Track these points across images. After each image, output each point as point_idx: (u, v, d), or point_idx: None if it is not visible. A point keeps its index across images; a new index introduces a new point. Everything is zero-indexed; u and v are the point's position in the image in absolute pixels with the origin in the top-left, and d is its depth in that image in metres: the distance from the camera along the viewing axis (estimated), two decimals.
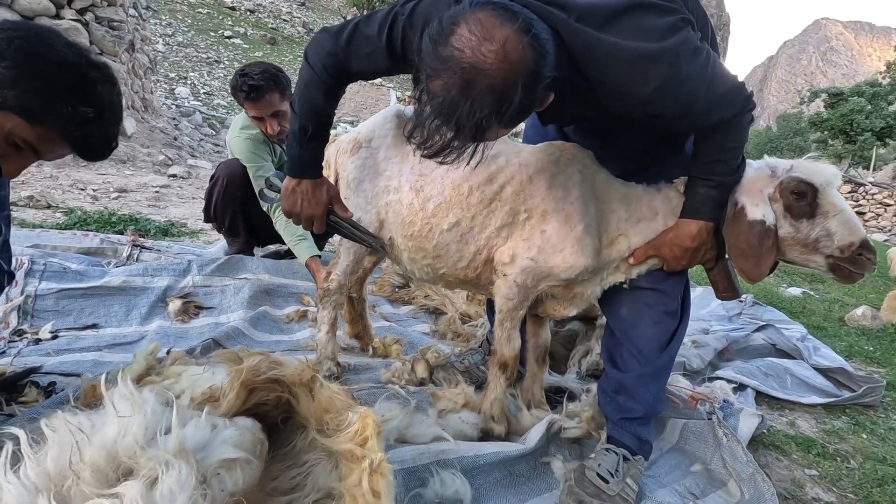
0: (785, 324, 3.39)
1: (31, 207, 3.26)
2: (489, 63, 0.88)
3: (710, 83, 1.07)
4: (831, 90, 34.46)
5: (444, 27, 0.91)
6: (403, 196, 1.47)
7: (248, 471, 0.83)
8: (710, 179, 1.23)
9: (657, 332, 1.38)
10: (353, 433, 0.93)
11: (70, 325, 1.80)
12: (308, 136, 1.31)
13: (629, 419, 1.37)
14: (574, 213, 1.33)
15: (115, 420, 0.70)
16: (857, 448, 1.99)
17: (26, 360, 1.54)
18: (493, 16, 0.90)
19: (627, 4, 1.02)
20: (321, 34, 1.25)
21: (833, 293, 5.53)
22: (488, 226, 1.39)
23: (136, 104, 6.63)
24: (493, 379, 1.50)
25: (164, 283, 2.13)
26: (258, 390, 1.10)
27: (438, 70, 0.91)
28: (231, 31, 23.99)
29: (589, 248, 1.33)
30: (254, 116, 2.24)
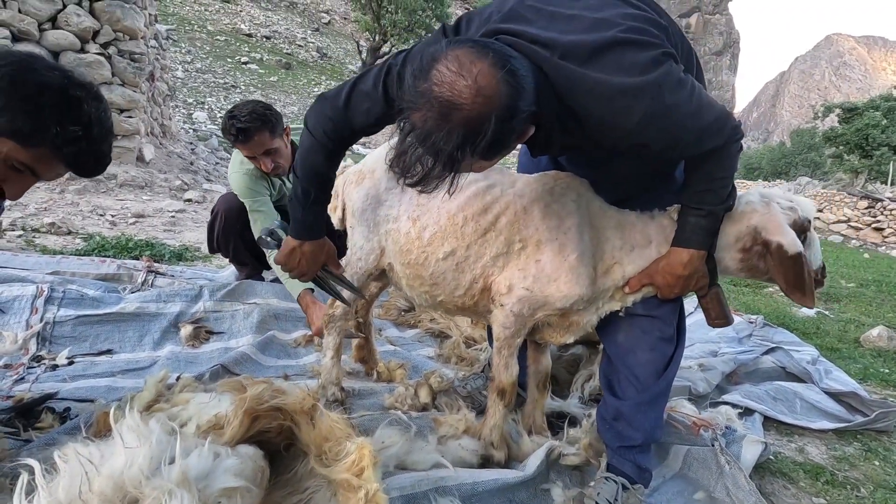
0: (796, 346, 3.34)
1: (53, 234, 3.39)
2: (464, 98, 0.93)
3: (695, 114, 1.10)
4: (845, 105, 34.17)
5: (424, 63, 0.97)
6: (401, 225, 1.52)
7: (249, 499, 0.87)
8: (701, 209, 1.26)
9: (653, 357, 1.39)
10: (351, 463, 0.96)
11: (86, 351, 1.87)
12: (311, 200, 1.37)
13: (628, 447, 1.38)
14: (568, 242, 1.36)
15: (122, 451, 0.74)
16: (869, 476, 1.95)
17: (43, 385, 1.61)
18: (469, 52, 0.95)
19: (610, 41, 1.05)
20: (320, 101, 1.31)
21: (850, 313, 5.41)
22: (484, 255, 1.42)
23: (156, 130, 6.86)
24: (492, 405, 1.52)
25: (177, 308, 2.20)
26: (261, 418, 1.14)
27: (418, 103, 0.95)
28: (247, 57, 24.72)
29: (583, 276, 1.35)
30: (247, 155, 2.26)
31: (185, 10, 28.63)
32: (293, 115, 20.01)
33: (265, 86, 22.20)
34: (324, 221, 1.45)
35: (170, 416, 1.12)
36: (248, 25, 30.84)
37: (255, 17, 33.32)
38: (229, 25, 29.46)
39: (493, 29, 1.09)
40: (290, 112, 20.12)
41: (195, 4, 30.16)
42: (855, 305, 5.86)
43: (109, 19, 4.97)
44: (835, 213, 17.73)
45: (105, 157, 1.17)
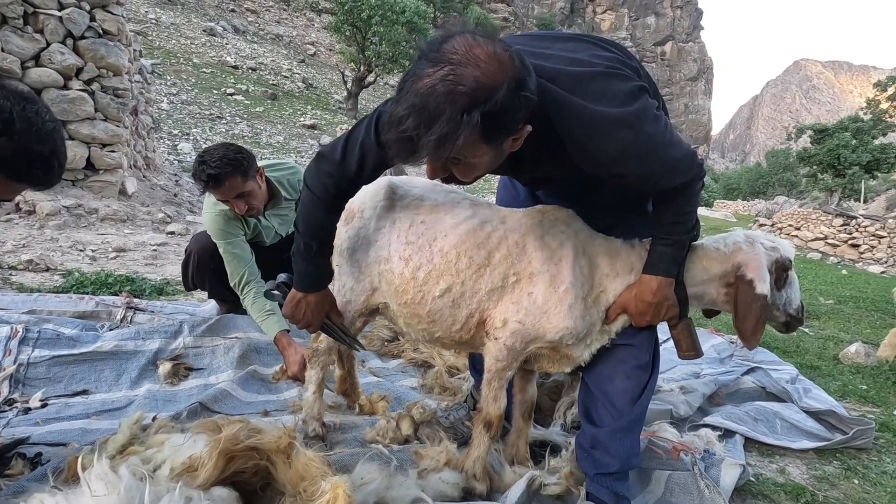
0: (776, 365, 3.39)
1: (31, 271, 3.34)
2: (480, 59, 0.92)
3: (668, 146, 1.16)
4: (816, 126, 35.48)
5: (433, 43, 0.97)
6: (394, 265, 1.51)
7: None
8: (667, 238, 1.32)
9: (629, 385, 1.42)
10: (325, 502, 0.96)
11: (60, 392, 1.84)
12: (313, 253, 1.40)
13: (605, 474, 1.39)
14: (559, 272, 1.38)
15: (90, 501, 0.74)
16: (849, 494, 1.97)
17: (14, 430, 1.57)
18: (480, 35, 0.98)
19: (592, 73, 1.11)
20: (318, 159, 1.35)
21: (829, 329, 5.51)
22: (479, 290, 1.43)
23: (139, 163, 6.86)
24: (478, 437, 1.52)
25: (156, 345, 2.18)
26: (237, 458, 1.13)
27: (427, 69, 0.93)
28: (233, 89, 24.93)
29: (575, 308, 1.37)
30: (220, 199, 2.23)
31: (170, 43, 28.97)
32: (279, 144, 20.12)
33: (251, 116, 22.36)
34: (326, 273, 1.48)
35: (144, 458, 1.11)
36: (234, 58, 31.25)
37: (240, 49, 33.82)
38: (215, 58, 29.82)
39: None
40: (275, 142, 20.23)
41: (181, 38, 30.55)
42: (834, 322, 5.96)
43: (93, 57, 5.03)
44: (812, 231, 18.18)
45: (43, 159, 1.09)
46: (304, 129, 23.43)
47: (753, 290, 1.35)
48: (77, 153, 5.05)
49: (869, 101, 36.17)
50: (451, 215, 1.49)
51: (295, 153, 19.45)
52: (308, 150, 20.39)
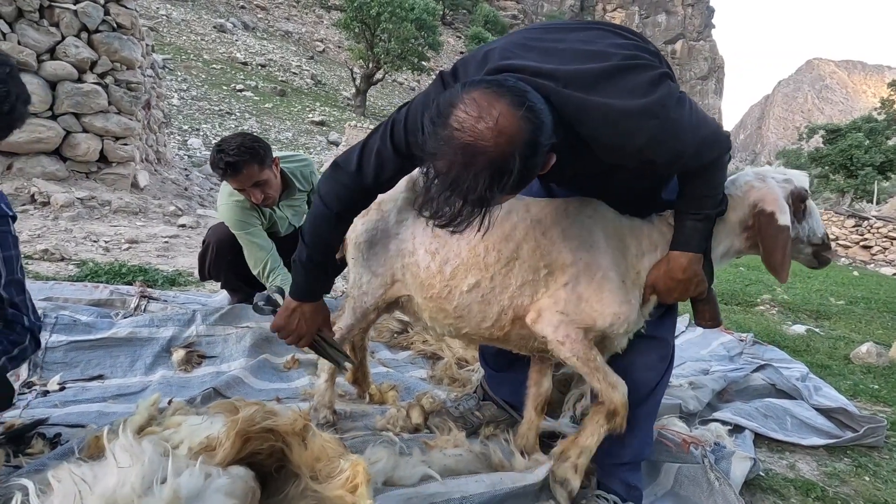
0: (786, 363, 3.38)
1: (46, 260, 3.39)
2: (486, 140, 0.93)
3: (695, 128, 1.15)
4: (829, 126, 35.05)
5: (441, 109, 0.97)
6: (420, 258, 1.46)
7: None
8: (699, 213, 1.29)
9: (648, 377, 1.42)
10: (345, 480, 0.98)
11: (77, 377, 1.87)
12: (315, 264, 1.39)
13: (617, 465, 1.39)
14: (594, 259, 1.33)
15: (115, 470, 0.76)
16: (859, 491, 1.96)
17: (34, 411, 1.60)
18: (486, 94, 0.96)
19: (611, 68, 1.09)
20: (332, 169, 1.34)
21: (839, 330, 5.46)
22: (509, 285, 1.37)
23: (151, 157, 6.92)
24: (594, 427, 1.38)
25: (169, 333, 2.21)
26: (253, 440, 1.15)
27: (441, 150, 0.96)
28: (243, 85, 25.07)
29: (616, 292, 1.32)
30: (236, 188, 2.26)
31: (181, 39, 29.15)
32: (287, 140, 20.21)
33: (260, 112, 22.47)
34: (325, 284, 1.47)
35: (162, 438, 1.13)
36: (244, 54, 31.40)
37: (250, 45, 33.97)
38: (225, 54, 29.98)
39: (495, 67, 1.10)
40: (284, 138, 20.33)
41: (191, 34, 30.74)
42: (845, 323, 5.91)
43: (107, 50, 5.08)
44: None
45: None
46: (313, 125, 23.51)
47: (776, 222, 1.32)
48: (91, 146, 5.11)
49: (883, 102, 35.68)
50: None
51: (304, 149, 19.53)
52: (316, 146, 20.47)
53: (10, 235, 1.25)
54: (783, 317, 5.87)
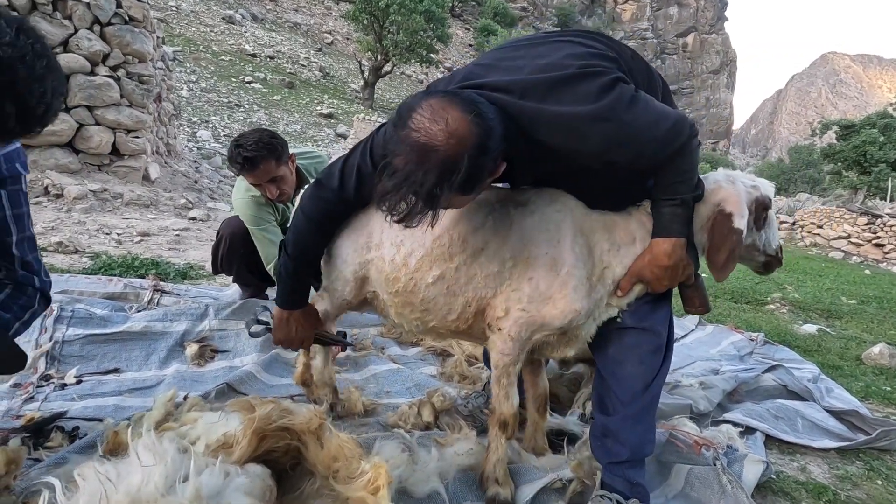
0: (797, 363, 3.35)
1: (60, 253, 3.43)
2: (438, 140, 1.04)
3: (652, 124, 1.19)
4: (842, 122, 34.47)
5: (402, 113, 1.09)
6: (385, 252, 1.46)
7: None
8: (675, 199, 1.31)
9: (642, 371, 1.39)
10: (366, 482, 0.98)
11: (93, 370, 1.90)
12: (300, 274, 1.52)
13: (617, 463, 1.39)
14: (559, 254, 1.33)
15: (139, 469, 0.77)
16: (871, 495, 1.95)
17: (52, 405, 1.63)
18: (440, 100, 1.08)
19: (563, 77, 1.17)
20: (315, 186, 1.46)
21: (851, 330, 5.40)
22: (475, 276, 1.37)
23: (161, 150, 6.96)
24: (494, 440, 1.45)
25: (183, 327, 2.23)
26: (269, 438, 1.16)
27: (399, 148, 1.06)
28: (251, 77, 25.09)
29: (579, 289, 1.32)
30: (252, 183, 2.29)
31: (190, 31, 29.19)
32: (296, 133, 20.25)
33: (269, 104, 22.50)
34: (308, 289, 1.57)
35: (179, 434, 1.14)
36: (253, 46, 31.40)
37: (259, 37, 33.96)
38: (234, 46, 29.99)
39: (458, 85, 1.23)
40: (292, 130, 20.36)
41: (200, 26, 30.77)
42: (856, 322, 5.85)
43: (119, 43, 5.10)
44: (835, 230, 17.76)
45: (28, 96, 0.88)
46: (321, 118, 23.52)
47: (731, 223, 1.35)
48: (103, 138, 5.15)
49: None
50: None
51: (312, 142, 19.55)
52: (324, 139, 20.49)
53: (21, 193, 1.23)
54: (794, 316, 5.82)
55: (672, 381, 2.66)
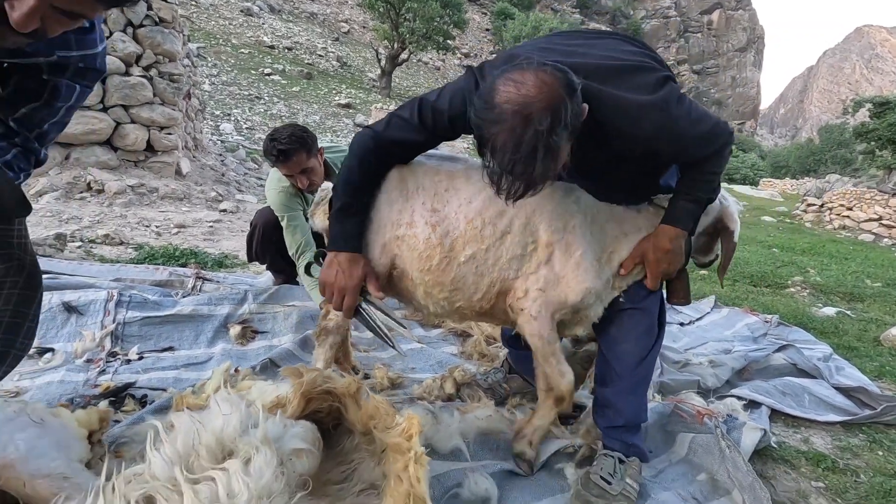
0: (810, 344, 3.42)
1: (107, 244, 3.70)
2: (532, 94, 1.09)
3: (696, 123, 1.31)
4: (876, 99, 32.98)
5: (485, 98, 1.13)
6: (419, 231, 1.50)
7: (311, 459, 1.08)
8: (691, 195, 1.45)
9: (636, 348, 1.55)
10: (402, 430, 1.16)
11: (151, 348, 2.13)
12: (351, 211, 1.47)
13: (615, 427, 1.55)
14: (573, 240, 1.46)
15: (220, 416, 0.96)
16: (870, 464, 2.05)
17: (121, 377, 1.86)
18: (516, 69, 1.14)
19: (623, 66, 1.28)
20: (364, 130, 1.49)
21: (873, 312, 5.37)
22: (500, 258, 1.47)
23: (189, 144, 7.25)
24: (545, 409, 1.56)
25: (226, 310, 2.45)
26: (314, 400, 1.35)
27: (499, 125, 1.10)
28: (270, 69, 25.41)
29: (590, 271, 1.46)
30: (286, 174, 2.47)
31: (210, 24, 29.61)
32: (315, 124, 20.48)
33: (288, 96, 22.78)
34: (359, 234, 1.49)
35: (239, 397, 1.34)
36: (271, 37, 31.70)
37: (276, 29, 34.23)
38: (253, 38, 30.32)
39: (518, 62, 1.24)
40: (312, 122, 20.61)
41: (220, 19, 31.15)
42: (879, 305, 5.80)
43: (151, 44, 5.34)
44: (865, 212, 17.24)
45: None
46: (340, 108, 23.72)
47: (732, 237, 1.59)
48: (139, 136, 5.42)
49: None
50: (470, 183, 1.52)
51: (331, 132, 19.79)
52: (343, 129, 20.70)
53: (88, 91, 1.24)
54: (814, 299, 5.80)
55: (683, 360, 2.79)
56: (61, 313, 2.12)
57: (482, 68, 1.35)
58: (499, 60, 1.34)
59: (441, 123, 1.39)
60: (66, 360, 1.91)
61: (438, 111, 1.38)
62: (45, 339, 2.02)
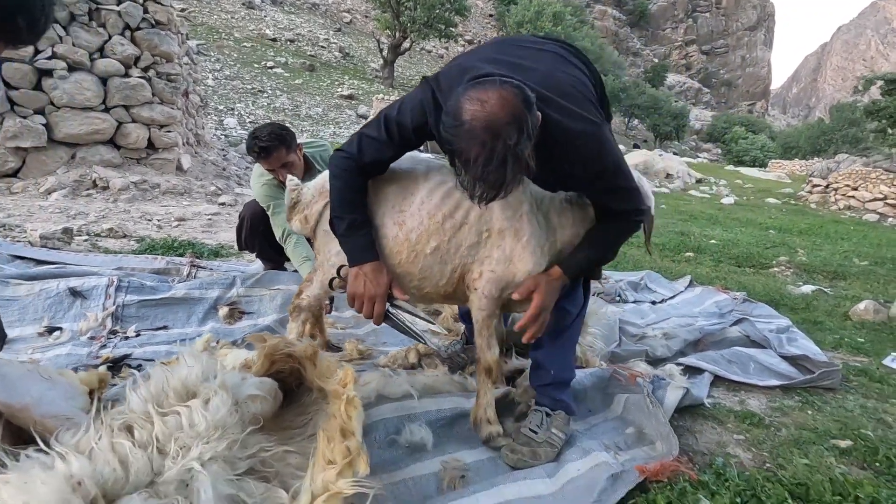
0: (770, 318, 3.59)
1: (112, 237, 3.98)
2: (496, 111, 1.19)
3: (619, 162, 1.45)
4: (888, 76, 32.36)
5: (452, 116, 1.23)
6: (388, 231, 1.66)
7: (265, 404, 1.32)
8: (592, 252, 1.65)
9: (559, 316, 1.73)
10: (339, 379, 1.40)
11: (148, 327, 2.38)
12: (356, 225, 1.58)
13: (545, 385, 1.76)
14: (522, 227, 1.65)
15: (186, 367, 1.20)
16: (796, 421, 2.23)
17: (120, 350, 2.11)
18: (476, 86, 1.24)
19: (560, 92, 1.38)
20: (339, 153, 1.60)
21: (853, 290, 5.47)
22: (461, 246, 1.64)
23: (191, 140, 7.51)
24: (482, 385, 1.70)
25: (216, 294, 2.70)
26: (277, 362, 1.59)
27: (468, 141, 1.21)
28: (273, 62, 25.61)
29: (536, 253, 1.64)
30: (267, 169, 2.69)
31: (212, 18, 29.79)
32: (318, 116, 20.70)
33: (290, 89, 22.97)
34: (372, 243, 1.60)
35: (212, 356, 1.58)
36: (273, 30, 31.83)
37: (278, 21, 34.33)
38: (255, 31, 30.48)
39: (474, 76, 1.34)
40: (314, 114, 20.81)
41: (222, 13, 31.31)
42: (861, 283, 5.91)
43: (148, 46, 5.58)
44: (871, 192, 17.11)
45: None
46: (342, 99, 23.89)
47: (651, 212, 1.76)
48: (140, 134, 5.69)
49: None
50: (428, 181, 1.70)
51: (333, 124, 19.99)
52: (346, 121, 20.88)
53: None
54: (796, 278, 5.92)
55: (640, 333, 3.00)
56: (67, 297, 2.39)
57: (437, 80, 1.45)
58: (454, 72, 1.43)
59: (406, 135, 1.53)
60: (73, 337, 2.17)
61: (402, 125, 1.49)
62: (54, 320, 2.28)
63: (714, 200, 15.98)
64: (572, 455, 1.68)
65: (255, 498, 1.11)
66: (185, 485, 1.02)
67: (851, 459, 1.93)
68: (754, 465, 1.83)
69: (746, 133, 55.23)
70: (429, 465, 1.56)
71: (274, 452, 1.24)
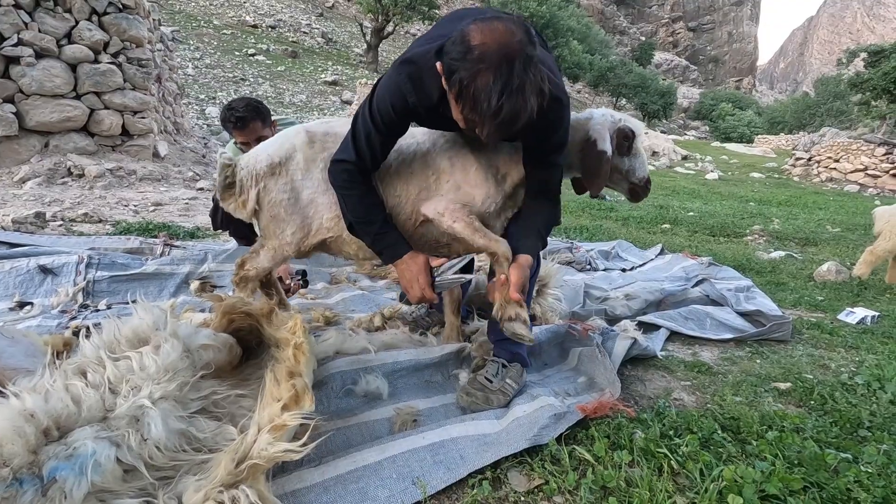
0: (734, 279, 3.72)
1: (87, 222, 4.00)
2: (507, 37, 1.17)
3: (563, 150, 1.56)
4: (871, 48, 32.53)
5: (458, 44, 1.20)
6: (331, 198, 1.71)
7: (219, 354, 1.40)
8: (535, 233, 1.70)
9: None
10: (289, 327, 1.48)
11: (119, 301, 2.45)
12: (382, 226, 1.61)
13: (500, 340, 1.86)
14: (467, 160, 1.69)
15: (137, 317, 1.27)
16: (742, 368, 2.36)
17: (89, 321, 2.17)
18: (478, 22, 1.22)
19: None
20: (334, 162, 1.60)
21: (822, 255, 5.64)
22: (411, 194, 1.68)
23: (169, 128, 7.46)
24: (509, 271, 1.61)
25: (187, 269, 2.76)
26: (236, 320, 1.67)
27: (481, 65, 1.16)
28: (254, 49, 25.19)
29: (489, 179, 1.68)
30: (242, 141, 2.73)
31: (190, 6, 29.16)
32: (301, 103, 20.48)
33: (273, 76, 22.66)
34: (400, 236, 1.65)
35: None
36: (253, 16, 31.24)
37: (259, 6, 33.67)
38: (235, 18, 29.90)
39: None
40: (298, 101, 20.59)
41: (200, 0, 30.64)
42: (831, 248, 6.08)
43: (117, 30, 5.51)
44: (852, 163, 17.35)
45: None
46: (326, 85, 23.61)
47: (595, 148, 1.69)
48: (113, 121, 5.65)
49: None
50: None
51: (318, 111, 19.79)
52: (330, 107, 20.68)
53: None
54: (767, 245, 6.07)
55: (603, 296, 3.11)
56: (38, 274, 2.44)
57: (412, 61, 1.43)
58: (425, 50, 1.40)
59: (391, 121, 1.50)
60: (44, 311, 2.23)
61: (384, 113, 1.48)
62: (25, 296, 2.34)
63: (699, 176, 16.14)
64: (521, 400, 1.78)
65: (205, 433, 1.20)
66: (136, 420, 1.11)
67: (789, 399, 2.06)
68: (695, 407, 1.95)
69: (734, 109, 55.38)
70: (383, 412, 1.65)
71: (226, 395, 1.32)
